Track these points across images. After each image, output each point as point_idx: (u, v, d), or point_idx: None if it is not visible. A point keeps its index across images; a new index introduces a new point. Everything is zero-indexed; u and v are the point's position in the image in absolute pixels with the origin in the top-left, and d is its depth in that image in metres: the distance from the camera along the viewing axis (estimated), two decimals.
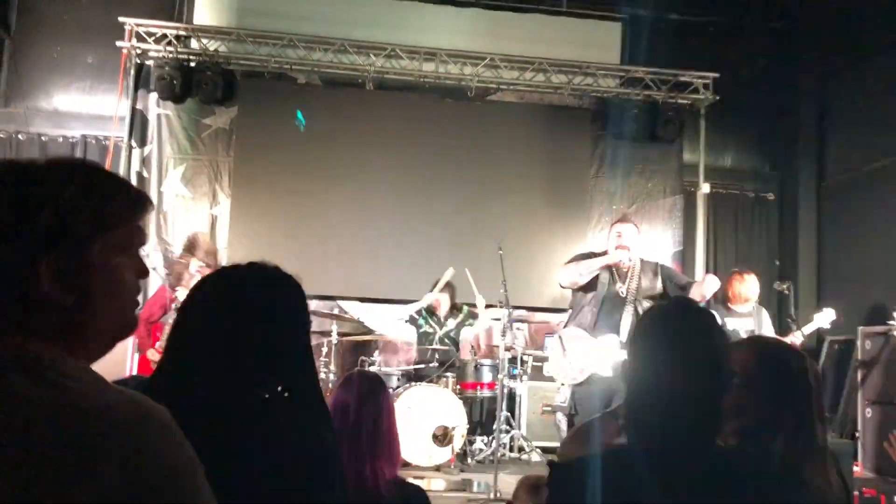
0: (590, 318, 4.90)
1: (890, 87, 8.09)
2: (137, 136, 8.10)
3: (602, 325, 4.87)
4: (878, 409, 7.02)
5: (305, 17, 8.50)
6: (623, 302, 4.90)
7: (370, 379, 2.33)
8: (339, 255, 8.16)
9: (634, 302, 4.90)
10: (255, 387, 1.38)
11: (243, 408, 1.36)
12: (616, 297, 4.90)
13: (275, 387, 1.41)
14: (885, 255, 7.95)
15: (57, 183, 1.04)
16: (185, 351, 1.44)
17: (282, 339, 1.46)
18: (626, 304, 4.89)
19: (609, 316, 4.88)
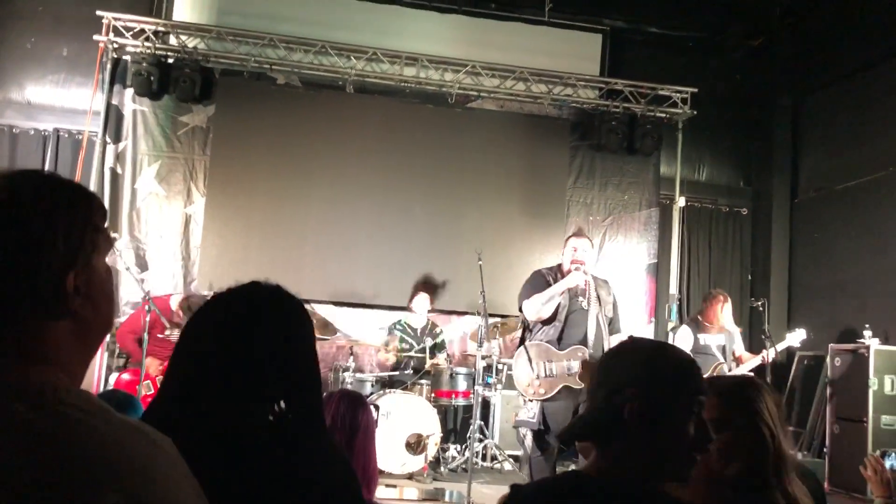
0: (553, 332, 4.91)
1: (863, 107, 8.24)
2: (112, 132, 7.95)
3: (567, 338, 4.88)
4: (846, 425, 7.13)
5: (286, 17, 8.43)
6: (586, 314, 4.93)
7: (350, 398, 2.29)
8: (315, 259, 8.10)
9: (596, 314, 4.92)
10: (261, 408, 1.35)
11: (251, 429, 1.33)
12: (579, 310, 4.93)
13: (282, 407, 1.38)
14: (855, 274, 8.08)
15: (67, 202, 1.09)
16: (189, 374, 1.40)
17: (287, 359, 1.43)
18: (588, 315, 4.92)
19: (574, 328, 4.90)
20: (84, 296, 1.07)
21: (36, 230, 1.05)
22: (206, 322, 1.45)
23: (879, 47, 7.97)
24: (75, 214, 1.09)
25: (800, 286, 8.97)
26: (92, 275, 1.09)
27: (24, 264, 1.03)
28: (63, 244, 1.06)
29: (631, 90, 8.65)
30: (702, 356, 6.41)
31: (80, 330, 1.08)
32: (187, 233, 8.03)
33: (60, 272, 1.05)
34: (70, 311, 1.05)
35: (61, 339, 1.05)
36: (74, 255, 1.06)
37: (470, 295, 6.76)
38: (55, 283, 1.04)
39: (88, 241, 1.09)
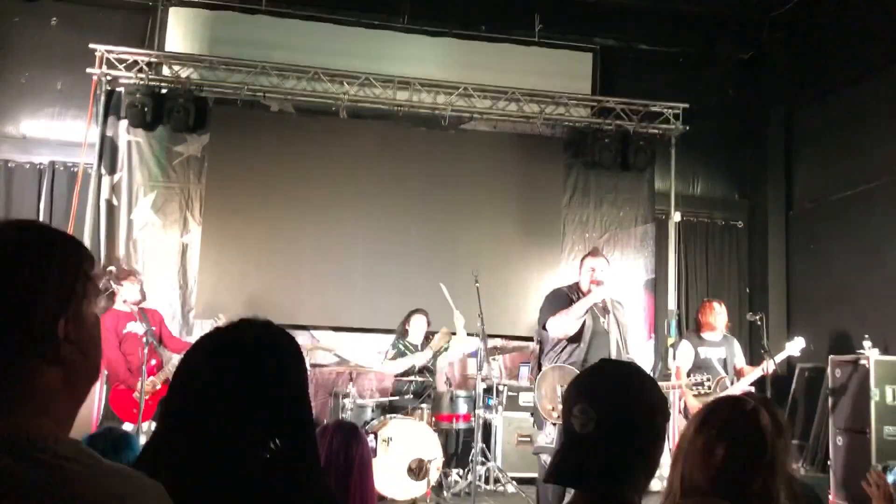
0: (579, 354, 4.88)
1: (855, 117, 8.27)
2: (107, 164, 7.98)
3: (593, 361, 4.86)
4: (849, 437, 7.10)
5: (278, 45, 8.48)
6: (607, 335, 4.92)
7: (344, 431, 2.28)
8: (312, 285, 8.10)
9: (617, 336, 4.92)
10: (256, 446, 1.36)
11: (246, 467, 1.33)
12: (603, 332, 4.92)
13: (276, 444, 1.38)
14: (852, 284, 8.08)
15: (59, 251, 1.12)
16: (182, 413, 1.41)
17: (279, 396, 1.43)
18: (610, 336, 4.92)
19: (599, 351, 4.88)
20: (74, 342, 1.08)
21: (28, 278, 1.07)
22: (199, 361, 1.46)
23: (870, 58, 8.01)
24: (66, 263, 1.11)
25: (798, 298, 8.97)
26: (82, 322, 1.11)
27: (16, 312, 1.05)
28: (54, 292, 1.08)
29: (623, 107, 8.69)
30: (703, 370, 6.39)
31: (69, 377, 1.09)
32: (184, 262, 8.04)
33: (52, 319, 1.07)
34: (60, 358, 1.07)
35: (51, 387, 1.06)
36: (65, 303, 1.08)
37: (468, 316, 6.75)
38: (46, 330, 1.06)
39: (79, 289, 1.11)
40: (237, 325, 1.49)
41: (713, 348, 6.51)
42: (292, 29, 8.64)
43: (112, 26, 8.35)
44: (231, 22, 8.51)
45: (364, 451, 2.29)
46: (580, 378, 1.63)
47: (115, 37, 8.14)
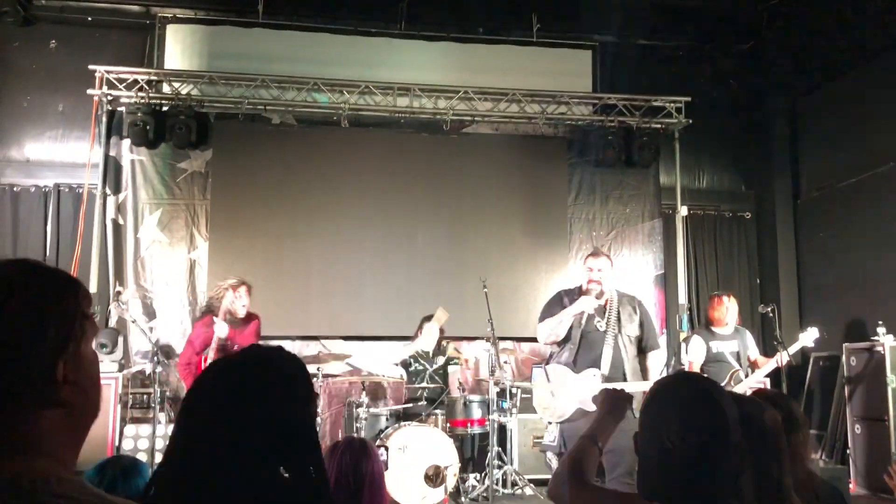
0: (568, 354, 4.87)
1: (859, 103, 8.22)
2: (111, 184, 8.01)
3: (582, 361, 4.84)
4: (867, 425, 7.05)
5: (277, 57, 8.49)
6: (602, 336, 4.86)
7: (354, 448, 2.27)
8: (321, 295, 8.10)
9: (615, 336, 4.86)
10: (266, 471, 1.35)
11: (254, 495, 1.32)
12: (595, 331, 4.87)
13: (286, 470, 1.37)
14: (863, 271, 8.03)
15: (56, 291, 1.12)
16: (192, 441, 1.40)
17: (289, 422, 1.42)
18: (605, 337, 4.86)
19: (589, 351, 4.85)
20: (72, 383, 1.08)
21: (27, 320, 1.06)
22: (208, 390, 1.45)
23: (870, 42, 7.97)
24: (64, 302, 1.11)
25: (809, 287, 8.92)
26: (80, 361, 1.10)
27: (16, 354, 1.04)
28: (54, 333, 1.07)
29: (624, 104, 8.67)
30: (717, 364, 6.35)
31: (70, 418, 1.09)
32: (192, 278, 8.05)
33: (51, 360, 1.06)
34: (60, 399, 1.06)
35: (52, 427, 1.06)
36: (65, 343, 1.08)
37: (478, 320, 6.73)
38: (46, 371, 1.05)
39: (78, 329, 1.11)
40: (246, 352, 1.48)
41: (725, 342, 6.46)
42: (290, 40, 8.65)
43: (111, 46, 8.38)
44: (229, 36, 8.53)
45: (375, 467, 2.27)
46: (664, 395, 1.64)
47: (114, 57, 8.18)
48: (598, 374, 4.76)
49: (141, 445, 6.94)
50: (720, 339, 6.49)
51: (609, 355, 4.82)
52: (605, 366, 4.79)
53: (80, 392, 1.10)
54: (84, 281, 6.47)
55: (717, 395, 1.60)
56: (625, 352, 4.84)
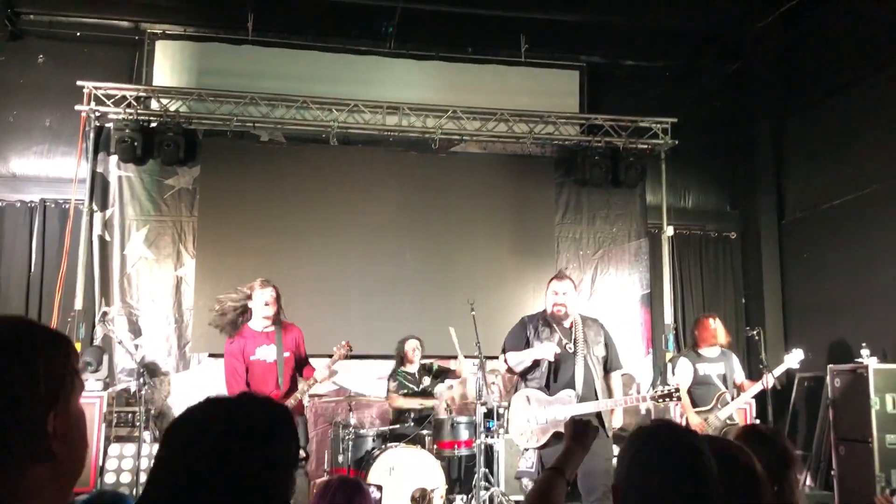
0: (541, 378, 4.90)
1: (843, 126, 8.32)
2: (98, 200, 7.97)
3: (556, 383, 4.87)
4: (851, 446, 7.09)
5: (266, 74, 8.50)
6: (572, 357, 4.91)
7: (347, 488, 2.27)
8: (308, 313, 8.02)
9: (584, 356, 4.91)
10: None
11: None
12: (565, 353, 4.91)
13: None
14: (848, 292, 8.10)
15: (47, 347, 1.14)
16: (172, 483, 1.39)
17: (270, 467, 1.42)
18: (576, 358, 4.90)
19: (561, 372, 4.89)
20: (61, 437, 1.10)
21: (20, 376, 1.08)
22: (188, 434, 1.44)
23: (855, 67, 8.07)
24: (55, 358, 1.13)
25: (794, 307, 8.98)
26: (69, 416, 1.13)
27: (9, 408, 1.06)
28: (45, 388, 1.10)
29: (611, 124, 8.73)
30: (703, 386, 6.39)
31: (57, 472, 1.11)
32: (179, 295, 8.01)
33: (43, 415, 1.08)
34: (50, 453, 1.08)
35: (40, 482, 1.07)
36: (55, 398, 1.10)
37: (466, 339, 6.73)
38: (38, 425, 1.08)
39: (67, 383, 1.13)
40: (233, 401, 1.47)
41: (712, 364, 6.51)
42: (279, 58, 8.66)
43: (99, 62, 8.37)
44: (218, 53, 8.54)
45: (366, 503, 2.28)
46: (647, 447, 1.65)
47: (102, 72, 8.16)
48: (573, 396, 4.80)
49: (125, 465, 6.88)
50: (707, 361, 6.53)
51: (581, 375, 4.87)
52: (579, 386, 4.82)
53: (68, 446, 1.11)
54: (69, 297, 6.39)
55: (700, 448, 1.62)
56: (595, 371, 4.90)
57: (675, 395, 4.87)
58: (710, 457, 1.61)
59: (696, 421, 6.22)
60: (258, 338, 5.42)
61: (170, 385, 7.83)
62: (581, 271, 8.75)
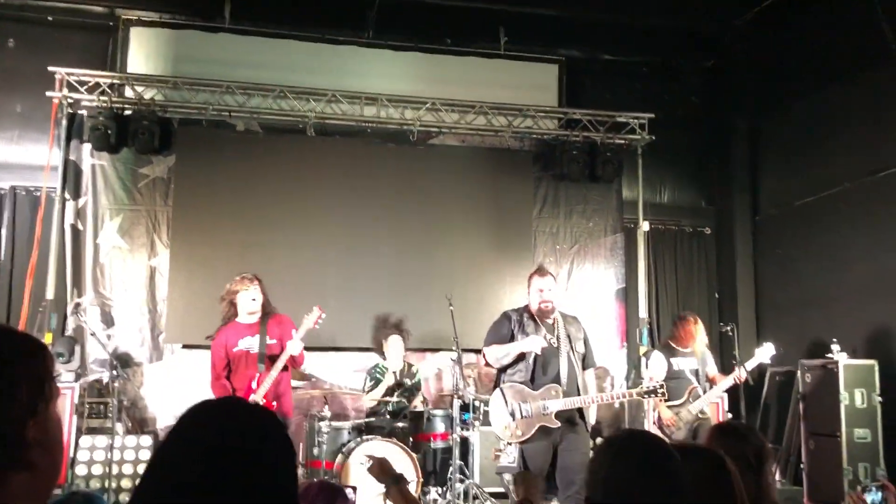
0: (526, 372, 4.93)
1: (818, 124, 8.41)
2: (71, 188, 7.84)
3: (540, 378, 4.91)
4: (821, 441, 7.21)
5: (243, 63, 8.41)
6: (556, 352, 4.95)
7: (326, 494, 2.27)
8: (284, 305, 7.91)
9: (567, 352, 4.95)
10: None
11: None
12: (548, 348, 4.94)
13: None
14: (819, 288, 8.20)
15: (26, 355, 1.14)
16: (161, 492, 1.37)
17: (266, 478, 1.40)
18: (559, 353, 4.94)
19: (545, 367, 4.93)
20: (40, 444, 1.10)
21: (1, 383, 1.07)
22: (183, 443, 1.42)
23: (831, 66, 8.14)
24: (34, 365, 1.13)
25: (767, 303, 9.09)
26: (47, 423, 1.13)
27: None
28: (25, 395, 1.09)
29: (589, 119, 8.75)
30: (676, 381, 6.46)
31: (35, 480, 1.10)
32: (153, 286, 7.93)
33: (22, 424, 1.08)
34: (29, 461, 1.08)
35: (18, 491, 1.06)
36: (34, 406, 1.10)
37: (442, 331, 6.74)
38: (17, 434, 1.07)
39: (46, 391, 1.13)
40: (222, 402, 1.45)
41: (686, 359, 6.57)
42: (256, 46, 8.58)
43: (72, 48, 8.22)
44: (194, 41, 8.43)
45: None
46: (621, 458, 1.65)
47: (75, 58, 8.01)
48: (559, 390, 4.83)
49: (97, 457, 6.80)
50: (681, 355, 6.60)
51: (566, 370, 4.91)
52: (564, 381, 4.86)
53: (46, 454, 1.11)
54: (41, 287, 6.31)
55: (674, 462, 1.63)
56: (577, 367, 4.94)
57: (661, 391, 4.92)
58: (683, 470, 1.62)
59: (668, 415, 6.29)
60: (242, 330, 5.48)
61: (143, 376, 7.76)
62: (557, 265, 8.78)
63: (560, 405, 4.78)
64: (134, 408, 7.64)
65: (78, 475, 6.65)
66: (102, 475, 6.67)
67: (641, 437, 1.69)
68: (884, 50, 6.85)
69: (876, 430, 6.95)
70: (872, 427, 6.95)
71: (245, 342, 5.45)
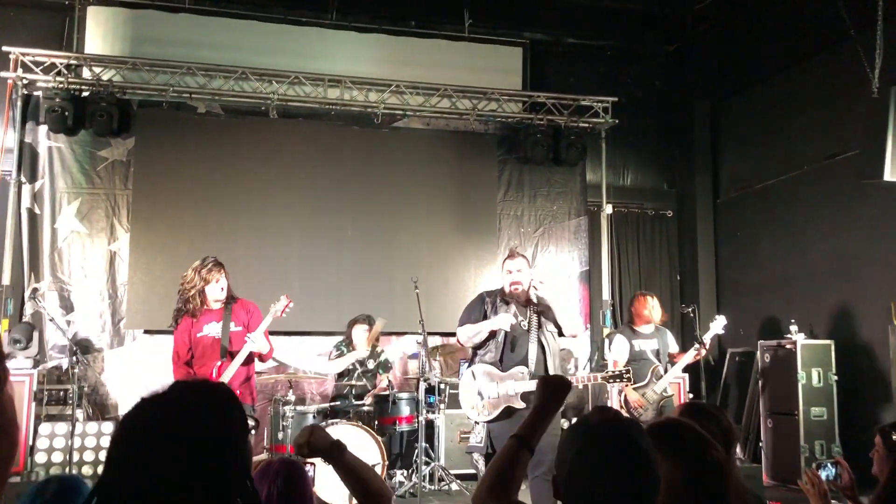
0: (495, 353, 4.95)
1: (777, 108, 8.53)
2: (27, 171, 7.69)
3: (508, 359, 4.94)
4: (779, 419, 7.36)
5: (204, 44, 8.28)
6: (526, 335, 4.97)
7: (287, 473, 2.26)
8: (246, 289, 7.79)
9: (538, 332, 4.98)
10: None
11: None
12: (519, 329, 4.97)
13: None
14: (778, 270, 8.35)
15: None
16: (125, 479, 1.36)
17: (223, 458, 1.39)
18: (529, 335, 4.97)
19: (515, 349, 4.95)
20: None
21: None
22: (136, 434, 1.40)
23: (791, 50, 8.26)
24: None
25: (727, 284, 9.23)
26: (3, 405, 1.11)
27: None
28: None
29: (553, 102, 8.78)
30: (638, 363, 6.52)
31: None
32: (113, 270, 7.81)
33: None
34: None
35: None
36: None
37: (408, 315, 6.74)
38: None
39: (1, 372, 1.11)
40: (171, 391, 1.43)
41: (647, 340, 6.64)
42: (217, 27, 8.44)
43: (27, 27, 8.02)
44: (154, 21, 8.26)
45: (307, 491, 2.27)
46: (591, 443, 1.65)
47: (30, 38, 7.84)
48: (525, 372, 4.86)
49: (57, 444, 6.70)
50: (642, 337, 6.66)
51: (535, 353, 4.93)
52: (532, 363, 4.89)
53: (4, 435, 1.10)
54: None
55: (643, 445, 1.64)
56: (548, 348, 4.96)
57: (626, 376, 4.97)
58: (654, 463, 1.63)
59: (635, 397, 6.36)
60: (206, 315, 5.31)
61: (104, 362, 7.65)
62: (522, 248, 8.81)
63: (525, 387, 4.82)
64: (95, 394, 7.54)
65: (37, 463, 6.56)
66: (63, 462, 6.58)
67: (614, 426, 1.68)
68: (842, 35, 6.95)
69: (832, 409, 7.12)
70: (829, 406, 7.12)
71: (210, 328, 5.36)
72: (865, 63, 6.06)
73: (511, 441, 1.96)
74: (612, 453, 1.60)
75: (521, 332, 4.98)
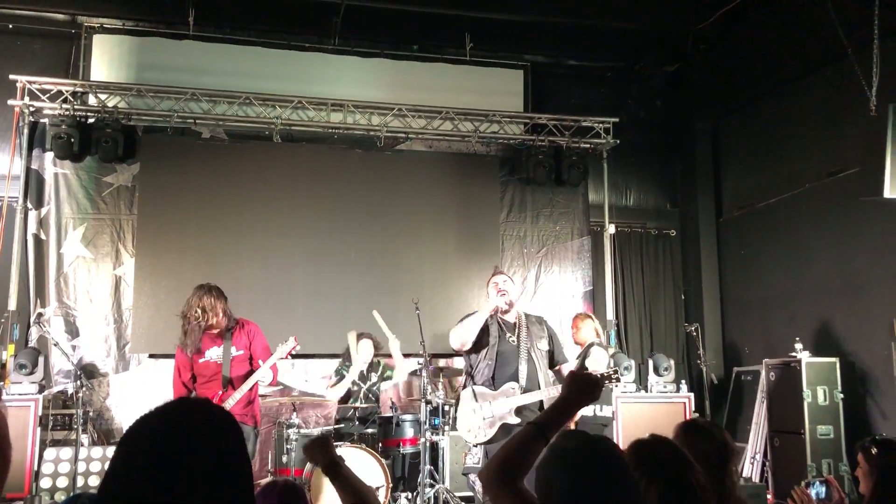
0: (487, 372, 4.98)
1: (778, 126, 8.56)
2: (33, 197, 7.76)
3: (500, 376, 4.96)
4: (785, 438, 7.32)
5: (208, 70, 8.37)
6: (517, 351, 5.00)
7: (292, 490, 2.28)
8: (251, 312, 7.84)
9: (529, 349, 5.00)
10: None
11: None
12: (509, 347, 5.00)
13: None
14: (782, 288, 8.34)
15: None
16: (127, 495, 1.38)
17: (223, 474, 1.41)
18: (519, 352, 5.00)
19: (505, 366, 4.99)
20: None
21: None
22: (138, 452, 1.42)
23: (790, 69, 8.30)
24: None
25: (732, 303, 9.21)
26: None
27: None
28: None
29: (555, 123, 8.83)
30: None
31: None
32: (118, 295, 7.85)
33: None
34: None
35: None
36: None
37: (411, 337, 6.73)
38: None
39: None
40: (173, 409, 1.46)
41: None
42: (221, 53, 8.54)
43: (33, 55, 8.13)
44: (158, 48, 8.37)
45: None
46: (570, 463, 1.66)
47: (37, 66, 7.95)
48: (516, 387, 4.89)
49: (62, 469, 6.70)
50: None
51: (525, 368, 4.97)
52: (523, 378, 4.91)
53: None
54: (2, 297, 6.21)
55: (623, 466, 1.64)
56: (538, 364, 5.00)
57: (615, 377, 4.94)
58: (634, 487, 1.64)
59: None
60: (207, 340, 5.37)
61: (109, 386, 7.68)
62: (525, 269, 8.85)
63: (517, 402, 4.85)
64: (100, 419, 7.56)
65: (42, 488, 6.55)
66: (67, 488, 6.57)
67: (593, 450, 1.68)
68: (838, 52, 6.99)
69: (839, 427, 7.07)
70: (835, 423, 7.08)
71: (211, 353, 5.39)
72: (863, 81, 6.08)
73: (529, 427, 1.92)
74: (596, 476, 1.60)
75: (510, 348, 5.02)
